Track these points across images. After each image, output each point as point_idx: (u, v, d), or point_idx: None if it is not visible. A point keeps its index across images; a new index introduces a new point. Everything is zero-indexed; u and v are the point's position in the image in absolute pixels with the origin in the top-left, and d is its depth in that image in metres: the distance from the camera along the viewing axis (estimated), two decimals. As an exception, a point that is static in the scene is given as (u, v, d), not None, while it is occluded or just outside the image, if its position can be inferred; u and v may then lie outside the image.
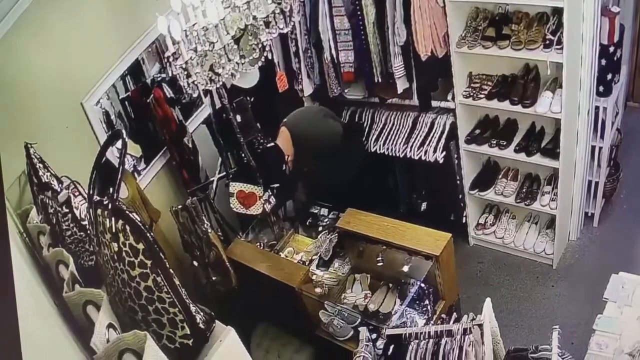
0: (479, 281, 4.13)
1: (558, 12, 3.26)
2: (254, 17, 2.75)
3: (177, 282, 1.52)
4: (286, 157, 3.52)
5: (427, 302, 3.24)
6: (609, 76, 3.72)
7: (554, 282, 3.98)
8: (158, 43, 3.30)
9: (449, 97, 3.84)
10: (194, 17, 2.67)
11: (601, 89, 3.74)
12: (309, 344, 3.59)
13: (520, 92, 3.62)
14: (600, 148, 3.93)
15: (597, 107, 3.79)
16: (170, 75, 3.20)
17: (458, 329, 2.27)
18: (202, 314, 1.64)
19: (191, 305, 1.58)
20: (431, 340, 2.29)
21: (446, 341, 2.26)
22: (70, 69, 2.94)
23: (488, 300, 2.39)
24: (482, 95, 3.73)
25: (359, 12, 3.62)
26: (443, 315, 3.12)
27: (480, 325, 2.24)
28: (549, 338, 2.08)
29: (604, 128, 3.86)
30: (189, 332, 1.54)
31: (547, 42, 3.34)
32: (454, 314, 2.68)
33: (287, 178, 3.65)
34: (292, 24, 2.96)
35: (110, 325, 1.46)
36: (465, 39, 3.57)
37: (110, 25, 3.15)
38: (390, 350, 2.41)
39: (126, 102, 3.29)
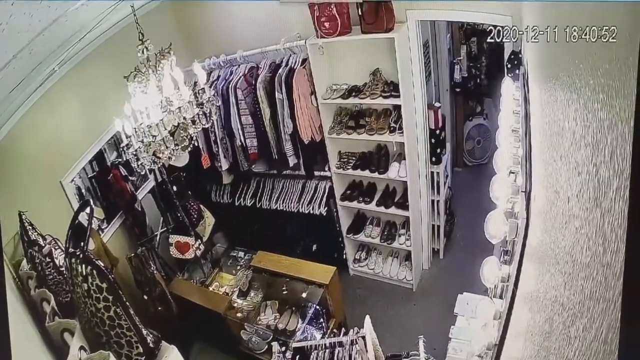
0: (359, 303, 4.45)
1: (398, 108, 3.89)
2: (184, 118, 3.10)
3: (132, 312, 1.69)
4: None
5: (322, 320, 3.60)
6: (438, 150, 4.33)
7: (415, 302, 4.46)
8: (115, 137, 3.81)
9: (326, 168, 4.40)
10: (141, 119, 3.02)
11: (434, 159, 4.34)
12: (234, 357, 3.93)
13: (376, 164, 4.24)
14: (438, 201, 4.50)
15: (432, 172, 4.37)
16: (124, 159, 3.66)
17: (347, 341, 2.48)
18: (151, 336, 1.80)
19: (143, 329, 1.73)
20: (327, 350, 2.49)
21: (339, 350, 2.45)
22: (53, 156, 3.47)
23: (367, 317, 2.62)
24: (349, 167, 4.33)
25: (258, 112, 4.18)
26: (335, 330, 3.41)
27: (364, 337, 2.47)
28: (416, 345, 2.29)
29: (439, 187, 4.44)
30: (142, 351, 1.68)
31: (392, 128, 3.97)
32: (343, 329, 2.86)
33: None
34: (211, 121, 3.36)
35: (81, 347, 1.59)
36: (334, 128, 4.22)
37: (82, 126, 3.68)
38: (297, 359, 2.62)
39: (93, 180, 3.78)
